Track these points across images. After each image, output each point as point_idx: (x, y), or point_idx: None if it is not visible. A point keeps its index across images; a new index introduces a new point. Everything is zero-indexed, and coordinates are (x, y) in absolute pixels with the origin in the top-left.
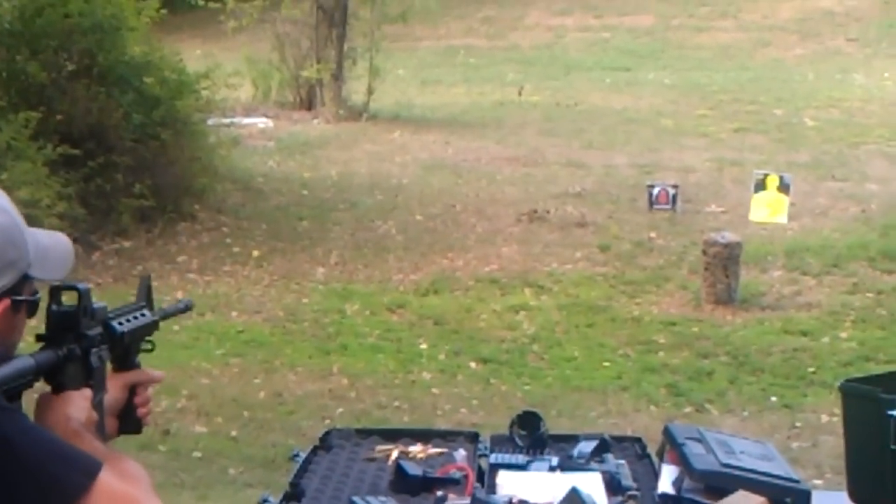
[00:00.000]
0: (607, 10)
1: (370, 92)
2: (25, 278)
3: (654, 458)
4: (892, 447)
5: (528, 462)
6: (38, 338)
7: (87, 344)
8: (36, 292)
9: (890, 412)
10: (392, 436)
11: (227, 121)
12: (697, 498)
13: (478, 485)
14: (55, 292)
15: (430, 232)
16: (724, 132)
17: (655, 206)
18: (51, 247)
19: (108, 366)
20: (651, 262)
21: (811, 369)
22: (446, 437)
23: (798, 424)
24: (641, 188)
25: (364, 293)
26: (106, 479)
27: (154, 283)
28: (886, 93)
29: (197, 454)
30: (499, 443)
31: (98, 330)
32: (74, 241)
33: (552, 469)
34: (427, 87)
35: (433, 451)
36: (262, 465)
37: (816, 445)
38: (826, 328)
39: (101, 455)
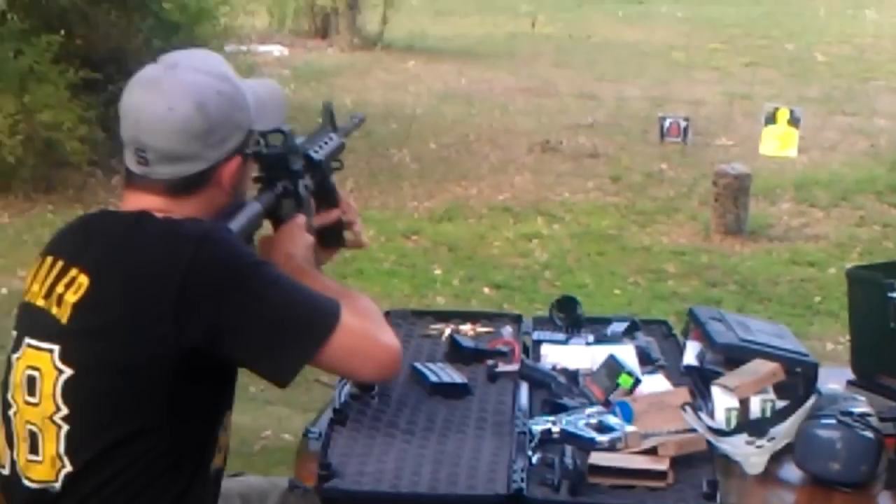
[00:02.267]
0: None
1: (384, 21)
2: (250, 132)
3: (680, 338)
4: (892, 326)
5: (568, 338)
6: (255, 180)
7: (296, 178)
8: (256, 140)
9: (890, 294)
10: (444, 317)
11: (244, 48)
12: (718, 368)
13: (524, 356)
14: (262, 137)
15: (444, 161)
16: (736, 66)
17: (666, 139)
18: (266, 98)
19: None
20: (661, 193)
21: (817, 299)
22: (492, 318)
23: None
24: (653, 120)
25: (379, 219)
26: (347, 317)
27: None
28: None
29: None
30: (540, 323)
31: (300, 163)
32: (94, 164)
33: (589, 344)
34: (441, 18)
35: (482, 329)
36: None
37: None
38: (833, 259)
39: (333, 292)
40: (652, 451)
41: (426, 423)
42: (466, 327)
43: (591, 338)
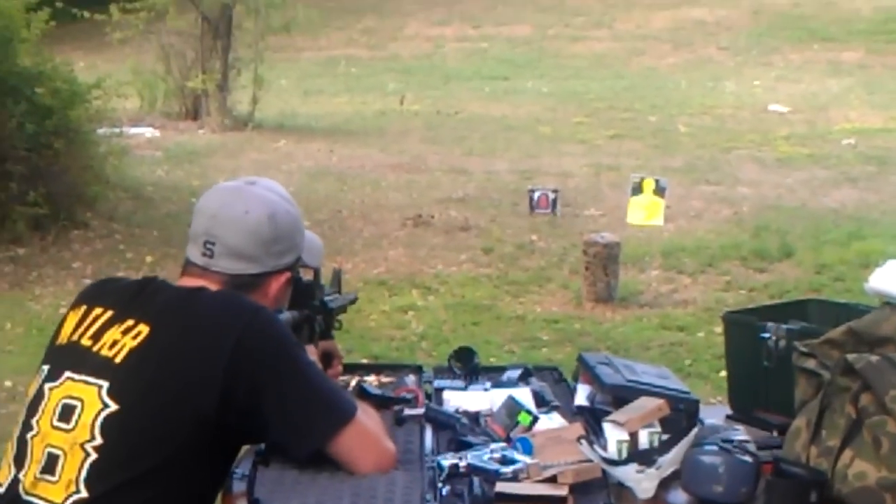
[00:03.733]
0: (485, 21)
1: (255, 102)
2: (298, 259)
3: (571, 383)
4: (765, 364)
5: (467, 385)
6: None
7: (315, 312)
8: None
9: (763, 336)
10: (349, 369)
11: (117, 130)
12: (607, 407)
13: (427, 401)
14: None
15: (319, 237)
16: (601, 139)
17: (536, 210)
18: (310, 239)
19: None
20: (533, 263)
21: (688, 362)
22: (395, 369)
23: None
24: (522, 193)
25: None
26: (361, 415)
27: (50, 289)
28: (756, 100)
29: None
30: (440, 372)
31: (318, 302)
32: None
33: (487, 390)
34: (310, 97)
35: (385, 379)
36: None
37: None
38: (701, 323)
39: None
40: (552, 480)
41: None
42: (371, 378)
43: (488, 384)
